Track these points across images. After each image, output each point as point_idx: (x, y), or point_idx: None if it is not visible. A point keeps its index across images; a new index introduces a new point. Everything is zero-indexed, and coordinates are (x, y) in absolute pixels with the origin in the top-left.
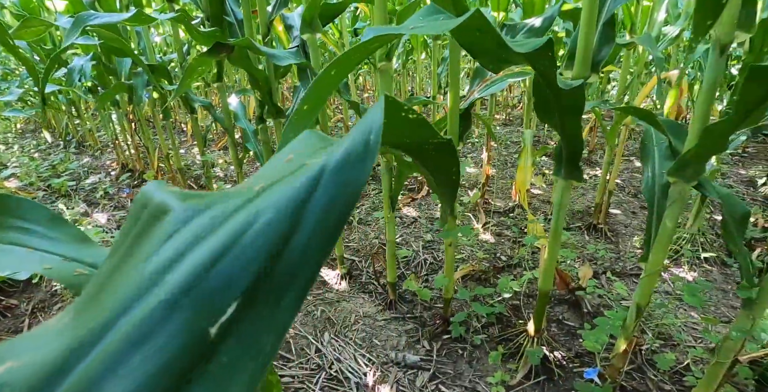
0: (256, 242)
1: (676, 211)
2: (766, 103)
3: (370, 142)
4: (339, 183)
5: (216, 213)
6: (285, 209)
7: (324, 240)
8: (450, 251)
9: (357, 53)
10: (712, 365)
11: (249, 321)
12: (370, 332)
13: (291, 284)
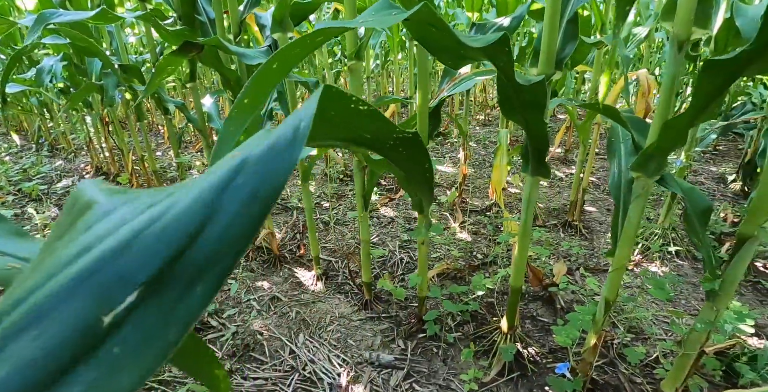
0: (165, 232)
1: (641, 206)
2: (720, 97)
3: (298, 131)
4: (261, 172)
5: (136, 206)
6: (199, 199)
7: (243, 230)
8: (423, 250)
9: (299, 46)
10: (679, 357)
11: (151, 310)
12: (346, 332)
13: (204, 273)
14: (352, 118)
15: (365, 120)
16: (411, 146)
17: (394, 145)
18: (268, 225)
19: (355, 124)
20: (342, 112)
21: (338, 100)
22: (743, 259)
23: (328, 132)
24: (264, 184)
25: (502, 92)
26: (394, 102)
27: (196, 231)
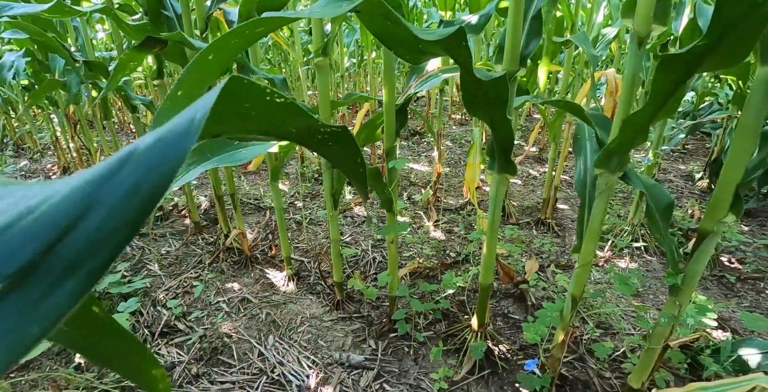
0: (36, 225)
1: (604, 202)
2: (678, 93)
3: (192, 123)
4: (146, 165)
5: (12, 200)
6: (77, 192)
7: (120, 225)
8: (392, 249)
9: (237, 37)
10: (645, 351)
11: (11, 305)
12: (316, 333)
13: (75, 269)
14: (269, 111)
15: (283, 113)
16: (340, 140)
17: (323, 139)
18: (239, 226)
19: (275, 117)
20: (258, 105)
21: (251, 91)
22: (704, 254)
23: (245, 125)
24: (148, 177)
25: (465, 89)
26: (360, 100)
27: (69, 224)
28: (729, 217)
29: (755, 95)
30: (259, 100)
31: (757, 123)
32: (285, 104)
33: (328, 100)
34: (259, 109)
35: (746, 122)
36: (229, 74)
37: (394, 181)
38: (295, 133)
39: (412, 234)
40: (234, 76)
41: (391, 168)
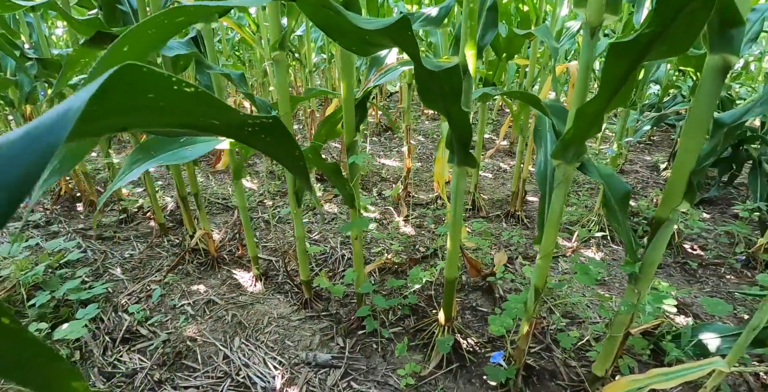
0: None
1: (562, 193)
2: (629, 82)
3: (65, 117)
4: (8, 159)
5: None
6: None
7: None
8: (357, 245)
9: (154, 27)
10: (607, 339)
11: None
12: (284, 333)
13: None
14: (179, 102)
15: (195, 103)
16: (273, 132)
17: (254, 132)
18: (204, 226)
19: (188, 108)
20: (165, 95)
21: (154, 80)
22: (661, 242)
23: (156, 118)
24: (9, 172)
25: (419, 80)
26: (320, 94)
27: None
28: (683, 205)
29: (705, 83)
30: (165, 89)
31: (707, 111)
32: (196, 94)
33: (287, 95)
34: (168, 100)
35: (697, 110)
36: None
37: (356, 176)
38: (220, 125)
39: (381, 230)
40: (129, 63)
41: (352, 163)
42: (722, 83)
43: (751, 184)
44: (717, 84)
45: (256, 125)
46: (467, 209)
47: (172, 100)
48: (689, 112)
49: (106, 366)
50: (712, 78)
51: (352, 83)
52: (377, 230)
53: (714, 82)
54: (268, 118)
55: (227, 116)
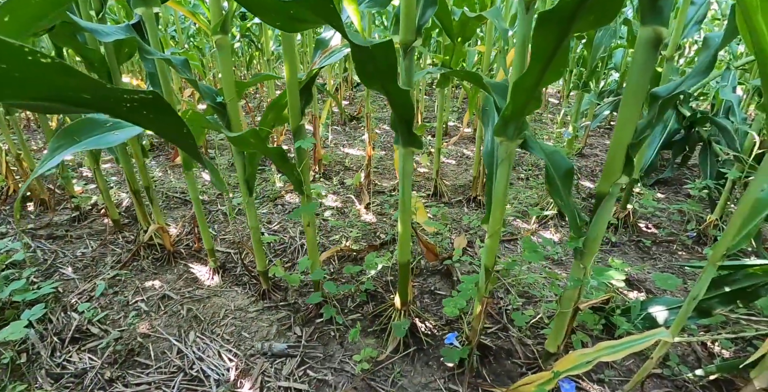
0: None
1: (505, 170)
2: (560, 52)
3: None
4: None
5: None
6: None
7: None
8: (310, 232)
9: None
10: (557, 316)
11: None
12: (240, 325)
13: None
14: (36, 72)
15: (56, 74)
16: (155, 108)
17: (134, 108)
18: (158, 220)
19: (49, 80)
20: (19, 66)
21: (3, 50)
22: (603, 216)
23: (14, 90)
24: None
25: (355, 58)
26: (266, 78)
27: None
28: (622, 179)
29: (638, 56)
30: (17, 59)
31: (642, 84)
32: (54, 65)
33: (232, 81)
34: (23, 71)
35: (632, 83)
36: None
37: (303, 161)
38: (92, 99)
39: (341, 219)
40: None
41: (298, 148)
42: (655, 56)
43: (702, 163)
44: (650, 56)
45: (135, 101)
46: (429, 195)
47: (28, 70)
48: (625, 86)
49: (54, 368)
50: (645, 50)
51: (295, 66)
52: (335, 218)
53: (647, 54)
54: (147, 94)
55: (97, 90)
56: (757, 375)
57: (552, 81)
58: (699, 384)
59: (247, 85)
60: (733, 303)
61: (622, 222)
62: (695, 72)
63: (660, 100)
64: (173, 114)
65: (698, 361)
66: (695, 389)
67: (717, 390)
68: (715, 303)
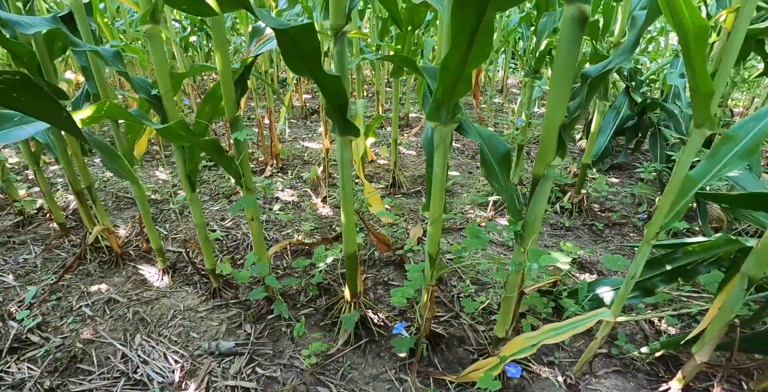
0: None
1: (441, 155)
2: (481, 31)
3: None
4: None
5: None
6: None
7: None
8: (254, 226)
9: None
10: (503, 300)
11: None
12: (189, 326)
13: None
14: None
15: None
16: (25, 90)
17: (2, 90)
18: (103, 221)
19: None
20: None
21: None
22: (540, 198)
23: None
24: None
25: (279, 43)
26: (203, 69)
27: None
28: (556, 160)
29: (565, 34)
30: None
31: (570, 62)
32: None
33: (167, 72)
34: None
35: (559, 63)
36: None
37: (242, 153)
38: None
39: (298, 213)
40: None
41: (235, 139)
42: (581, 34)
43: (652, 147)
44: (576, 35)
45: (3, 82)
46: (387, 186)
47: None
48: (553, 66)
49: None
50: (571, 28)
51: (227, 55)
52: (292, 213)
53: (573, 32)
54: (13, 74)
55: None
56: (698, 350)
57: (478, 62)
58: (646, 362)
59: (184, 76)
60: (675, 280)
61: (576, 207)
62: (622, 51)
63: (589, 80)
64: (46, 96)
65: (646, 339)
66: (643, 366)
67: (664, 366)
68: (658, 281)
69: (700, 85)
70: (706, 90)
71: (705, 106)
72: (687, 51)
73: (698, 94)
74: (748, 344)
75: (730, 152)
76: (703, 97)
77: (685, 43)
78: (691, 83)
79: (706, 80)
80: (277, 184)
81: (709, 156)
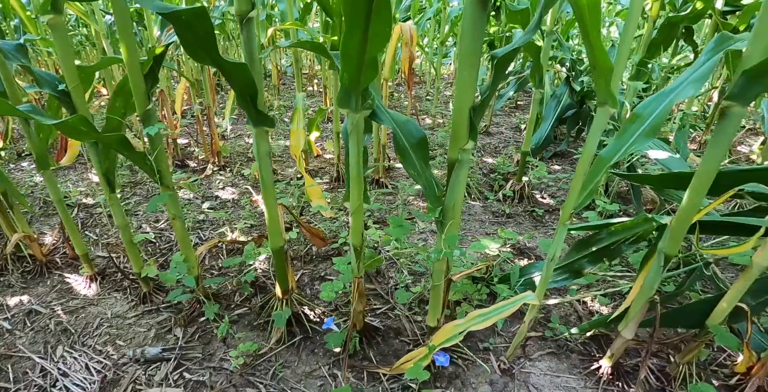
0: None
1: (355, 144)
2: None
3: None
4: None
5: None
6: None
7: None
8: (177, 225)
9: None
10: (431, 289)
11: None
12: (116, 333)
13: None
14: None
15: None
16: None
17: None
18: (22, 228)
19: None
20: None
21: None
22: (457, 184)
23: None
24: None
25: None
26: (114, 62)
27: None
28: (469, 144)
29: (467, 15)
30: None
31: (474, 44)
32: None
33: (73, 66)
34: None
35: (464, 45)
36: None
37: (157, 148)
38: None
39: (237, 211)
40: None
41: (148, 134)
42: (485, 14)
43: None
44: (479, 15)
45: None
46: (332, 179)
47: None
48: (458, 48)
49: None
50: (473, 9)
51: (133, 46)
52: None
53: (475, 13)
54: None
55: None
56: (624, 328)
57: (379, 46)
58: (579, 342)
59: (93, 70)
60: (601, 261)
61: (518, 195)
62: (527, 31)
63: (496, 60)
64: None
65: (580, 320)
66: (576, 346)
67: (597, 345)
68: (585, 262)
69: (599, 60)
70: (604, 65)
71: (605, 82)
72: (583, 26)
73: (598, 70)
74: (672, 319)
75: (637, 131)
76: (603, 73)
77: (580, 17)
78: (591, 59)
79: (603, 56)
80: (217, 181)
81: (618, 135)
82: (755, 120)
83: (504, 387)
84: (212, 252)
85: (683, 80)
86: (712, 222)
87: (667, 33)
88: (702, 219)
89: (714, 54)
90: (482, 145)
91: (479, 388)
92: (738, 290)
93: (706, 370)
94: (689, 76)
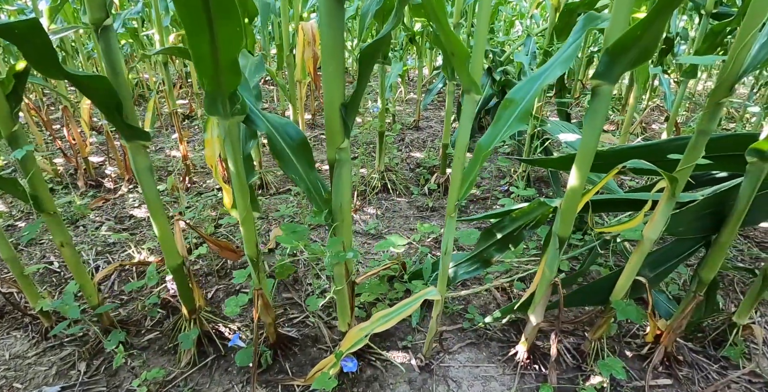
0: None
1: (231, 151)
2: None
3: None
4: None
5: None
6: None
7: None
8: (66, 252)
9: None
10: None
11: None
12: (13, 376)
13: None
14: None
15: None
16: None
17: None
18: None
19: None
20: None
21: None
22: (341, 184)
23: None
24: None
25: (18, 47)
26: None
27: None
28: (345, 143)
29: (322, 8)
30: None
31: (334, 40)
32: None
33: None
34: None
35: (324, 40)
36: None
37: (31, 171)
38: None
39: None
40: None
41: (22, 158)
42: (341, 6)
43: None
44: (332, 8)
45: None
46: (257, 186)
47: None
48: (320, 45)
49: None
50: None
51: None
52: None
53: (329, 5)
54: None
55: None
56: (532, 312)
57: (232, 49)
58: (498, 330)
59: None
60: (507, 248)
61: (442, 187)
62: (387, 24)
63: (360, 54)
64: None
65: (499, 308)
66: (495, 334)
67: (516, 331)
68: (493, 251)
69: (455, 48)
70: (461, 52)
71: (465, 69)
72: (434, 14)
73: (456, 58)
74: (580, 298)
75: (511, 116)
76: (461, 60)
77: (429, 5)
78: (448, 48)
79: (458, 44)
80: (131, 199)
81: (494, 122)
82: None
83: (423, 384)
84: (122, 277)
85: (552, 62)
86: (605, 201)
87: (566, 20)
88: (595, 198)
89: (581, 34)
90: (410, 141)
91: (397, 388)
92: (634, 264)
93: (620, 343)
94: (558, 57)
